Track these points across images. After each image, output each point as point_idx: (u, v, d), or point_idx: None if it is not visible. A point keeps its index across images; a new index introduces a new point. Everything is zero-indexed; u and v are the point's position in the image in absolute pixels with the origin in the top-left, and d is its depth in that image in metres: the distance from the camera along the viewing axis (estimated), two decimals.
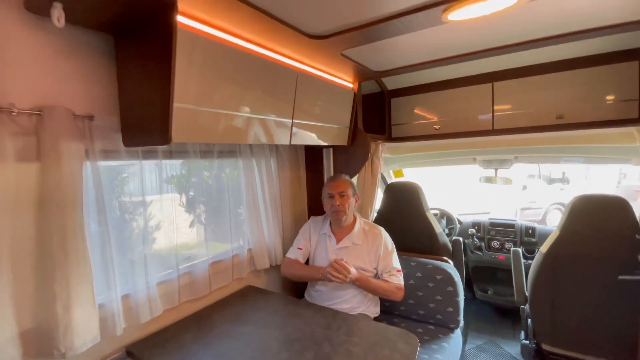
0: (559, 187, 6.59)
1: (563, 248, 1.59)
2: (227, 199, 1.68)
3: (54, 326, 0.98)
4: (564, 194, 6.41)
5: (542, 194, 6.61)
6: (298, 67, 1.45)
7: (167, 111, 0.96)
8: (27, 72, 0.96)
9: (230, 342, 1.22)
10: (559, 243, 1.60)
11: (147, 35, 1.01)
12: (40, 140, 0.98)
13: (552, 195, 6.59)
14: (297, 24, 1.13)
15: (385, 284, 1.60)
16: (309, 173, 2.21)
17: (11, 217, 0.93)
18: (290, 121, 1.49)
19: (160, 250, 1.41)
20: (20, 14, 0.94)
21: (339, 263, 1.51)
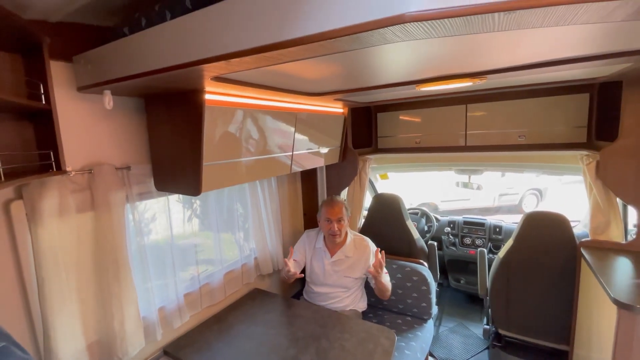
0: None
1: (515, 255, 1.94)
2: (236, 217, 1.95)
3: (112, 338, 1.26)
4: None
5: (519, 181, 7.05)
6: (296, 108, 1.68)
7: (198, 171, 1.20)
8: (78, 137, 1.18)
9: (248, 341, 1.52)
10: (513, 251, 1.95)
11: (175, 101, 1.22)
12: (93, 193, 1.21)
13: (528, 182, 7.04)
14: (297, 90, 1.36)
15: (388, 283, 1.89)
16: (305, 186, 2.48)
17: (76, 256, 1.18)
18: (291, 154, 1.74)
19: (185, 267, 1.68)
20: (73, 93, 1.14)
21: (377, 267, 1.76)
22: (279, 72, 1.00)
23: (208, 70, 0.81)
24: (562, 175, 5.05)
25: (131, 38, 0.91)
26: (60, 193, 1.09)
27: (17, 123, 1.05)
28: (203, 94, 1.12)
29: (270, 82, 1.20)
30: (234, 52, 0.68)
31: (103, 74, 1.01)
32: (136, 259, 1.38)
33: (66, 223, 1.12)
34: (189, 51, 0.75)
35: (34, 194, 1.03)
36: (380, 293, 1.88)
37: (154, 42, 0.84)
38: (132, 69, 0.90)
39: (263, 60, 0.72)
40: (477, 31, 0.60)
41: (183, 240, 1.67)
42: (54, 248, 1.08)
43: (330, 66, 1.01)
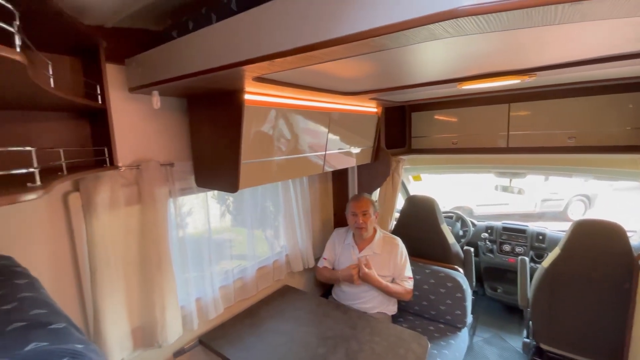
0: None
1: (562, 266, 1.80)
2: (266, 214, 1.99)
3: (154, 325, 1.34)
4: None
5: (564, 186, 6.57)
6: (330, 107, 1.68)
7: (236, 168, 1.23)
8: (128, 135, 1.25)
9: (278, 336, 1.55)
10: (559, 261, 1.81)
11: (215, 102, 1.27)
12: (139, 187, 1.28)
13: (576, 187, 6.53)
14: (332, 89, 1.36)
15: (400, 287, 1.87)
16: (335, 185, 2.47)
17: (124, 246, 1.26)
18: (324, 154, 1.74)
19: (219, 261, 1.74)
20: (125, 94, 1.22)
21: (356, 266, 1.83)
22: (316, 71, 1.00)
23: (251, 71, 0.83)
24: (616, 181, 4.62)
25: (179, 41, 0.95)
26: (111, 187, 1.17)
27: (75, 122, 1.14)
28: (243, 94, 1.15)
29: (307, 82, 1.20)
30: (278, 52, 0.69)
31: (152, 75, 1.07)
32: (176, 251, 1.45)
33: (116, 215, 1.20)
34: (233, 52, 0.78)
35: (89, 187, 1.11)
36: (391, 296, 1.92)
37: (200, 45, 0.88)
38: (179, 70, 0.94)
39: (305, 59, 0.73)
40: (535, 24, 0.56)
41: (217, 235, 1.74)
42: (105, 238, 1.16)
43: (368, 65, 0.99)
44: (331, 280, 2.05)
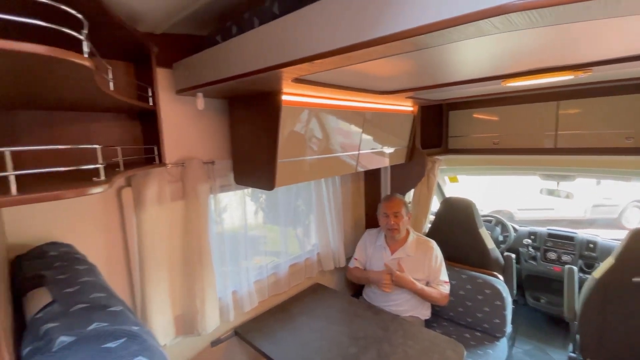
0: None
1: (617, 276, 1.65)
2: (297, 213, 2.02)
3: (194, 314, 1.41)
4: None
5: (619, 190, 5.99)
6: (365, 107, 1.67)
7: (273, 167, 1.27)
8: (174, 135, 1.33)
9: (310, 333, 1.57)
10: (614, 271, 1.66)
11: (254, 103, 1.31)
12: (183, 184, 1.36)
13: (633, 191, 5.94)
14: (368, 88, 1.35)
15: (435, 292, 1.82)
16: (368, 184, 2.45)
17: (168, 239, 1.34)
18: (357, 153, 1.74)
19: (253, 256, 1.80)
20: (172, 96, 1.30)
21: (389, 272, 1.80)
22: (353, 71, 1.00)
23: (290, 72, 0.85)
24: None
25: (223, 45, 1.00)
26: (159, 183, 1.25)
27: (128, 122, 1.23)
28: (280, 95, 1.18)
29: (343, 82, 1.21)
30: (319, 54, 0.70)
31: (197, 78, 1.13)
32: (215, 245, 1.52)
33: (162, 209, 1.29)
34: (275, 55, 0.80)
35: (140, 183, 1.20)
36: (427, 301, 1.88)
37: (242, 48, 0.91)
38: (222, 73, 0.99)
39: (345, 59, 0.73)
40: (593, 17, 0.52)
41: (251, 231, 1.79)
42: (153, 230, 1.25)
43: (407, 63, 0.97)
44: (362, 281, 2.04)
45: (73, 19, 0.59)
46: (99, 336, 0.53)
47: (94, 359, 0.49)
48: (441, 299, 1.83)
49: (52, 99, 0.88)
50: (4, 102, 0.81)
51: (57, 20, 0.53)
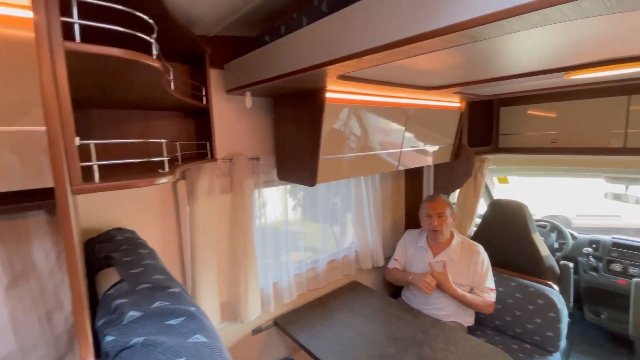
0: None
1: None
2: (334, 210, 2.03)
3: (238, 302, 1.49)
4: None
5: None
6: (409, 103, 1.62)
7: (315, 163, 1.29)
8: (223, 132, 1.41)
9: (347, 329, 1.58)
10: None
11: (299, 100, 1.34)
12: (231, 178, 1.43)
13: None
14: (413, 84, 1.31)
15: (479, 299, 1.73)
16: (409, 183, 2.39)
17: (217, 230, 1.42)
18: (399, 151, 1.70)
19: (293, 251, 1.84)
20: (222, 95, 1.37)
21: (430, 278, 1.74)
22: (399, 66, 0.97)
23: (337, 69, 0.86)
24: None
25: (271, 45, 1.03)
26: (210, 177, 1.33)
27: (183, 120, 1.32)
28: (324, 92, 1.20)
29: (388, 78, 1.19)
30: (367, 50, 0.70)
31: (247, 78, 1.18)
32: (257, 237, 1.58)
33: (212, 201, 1.37)
34: (322, 52, 0.81)
35: (193, 176, 1.29)
36: (471, 308, 1.81)
37: (290, 47, 0.94)
38: (271, 72, 1.02)
39: (394, 55, 0.72)
40: None
41: (290, 227, 1.83)
42: (203, 220, 1.33)
43: (457, 56, 0.93)
44: (401, 282, 2.00)
45: (142, 24, 0.65)
46: (162, 313, 0.59)
47: (158, 333, 0.54)
48: (485, 307, 1.74)
49: (121, 99, 0.97)
50: (83, 102, 0.92)
51: (125, 25, 0.59)
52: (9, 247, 0.95)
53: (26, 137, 0.81)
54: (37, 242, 1.00)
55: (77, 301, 0.41)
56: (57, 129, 0.41)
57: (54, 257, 1.03)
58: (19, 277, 0.98)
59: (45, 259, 1.02)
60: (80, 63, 0.50)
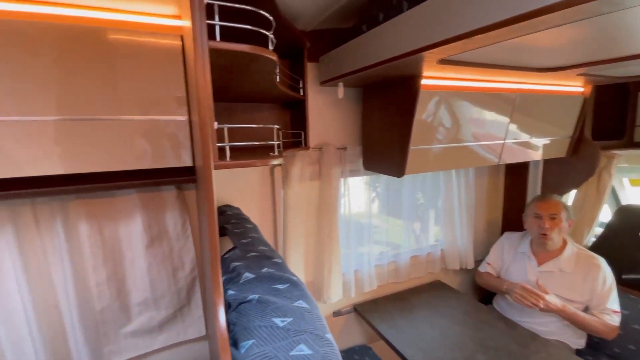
0: None
1: None
2: (418, 206, 1.94)
3: (321, 283, 1.57)
4: None
5: None
6: (517, 89, 1.44)
7: (405, 153, 1.26)
8: (315, 122, 1.48)
9: (430, 328, 1.52)
10: None
11: (390, 89, 1.32)
12: (320, 166, 1.51)
13: None
14: (525, 65, 1.16)
15: (597, 321, 1.46)
16: (509, 180, 2.13)
17: (305, 213, 1.52)
18: (502, 143, 1.53)
19: (375, 243, 1.85)
20: (316, 87, 1.45)
21: (528, 288, 1.52)
22: (512, 45, 0.87)
23: (439, 53, 0.82)
24: None
25: (368, 34, 1.04)
26: (301, 164, 1.43)
27: (280, 111, 1.44)
28: (420, 79, 1.16)
29: (494, 59, 1.07)
30: (478, 29, 0.65)
31: (342, 68, 1.22)
32: (342, 224, 1.64)
33: (302, 187, 1.46)
34: (425, 36, 0.79)
35: (288, 163, 1.40)
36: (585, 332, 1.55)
37: (389, 33, 0.93)
38: (369, 60, 1.03)
39: (510, 33, 0.66)
40: None
41: (369, 219, 1.82)
42: (294, 204, 1.44)
43: (587, 28, 0.78)
44: (492, 289, 1.82)
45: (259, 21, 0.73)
46: (270, 277, 0.67)
47: (268, 294, 0.61)
48: (606, 331, 1.45)
49: (235, 92, 1.11)
50: None
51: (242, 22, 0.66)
52: (149, 214, 1.19)
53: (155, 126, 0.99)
54: (169, 211, 1.22)
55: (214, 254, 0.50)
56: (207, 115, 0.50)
57: (180, 225, 1.25)
58: (155, 238, 1.22)
59: (174, 226, 1.24)
60: (217, 60, 0.59)
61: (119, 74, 0.91)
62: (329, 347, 0.51)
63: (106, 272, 1.15)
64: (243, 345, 0.49)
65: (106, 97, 0.91)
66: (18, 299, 1.05)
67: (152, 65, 0.96)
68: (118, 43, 0.89)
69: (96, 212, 1.11)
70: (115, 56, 0.90)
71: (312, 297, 0.65)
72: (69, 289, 1.11)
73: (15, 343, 1.07)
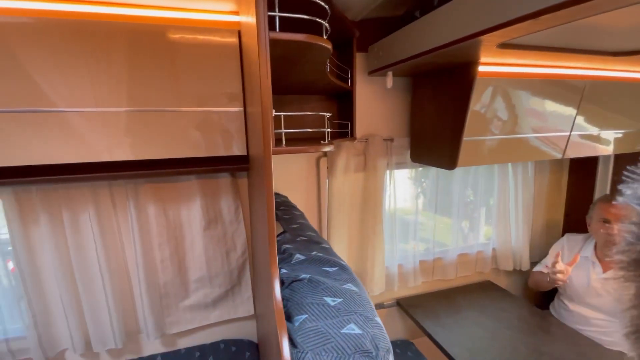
0: None
1: None
2: (468, 203, 1.84)
3: (364, 274, 1.58)
4: None
5: None
6: (586, 75, 1.30)
7: (457, 144, 1.21)
8: (362, 113, 1.47)
9: (478, 329, 1.45)
10: None
11: (442, 77, 1.27)
12: (365, 158, 1.50)
13: None
14: (595, 49, 1.04)
15: None
16: (574, 178, 1.94)
17: (350, 205, 1.53)
18: (567, 135, 1.40)
19: (422, 236, 1.80)
20: (364, 77, 1.44)
21: None
22: (581, 25, 0.79)
23: (500, 36, 0.77)
24: None
25: (422, 20, 1.01)
26: (347, 155, 1.43)
27: (328, 101, 1.46)
28: (476, 66, 1.09)
29: (560, 42, 0.98)
30: (548, 7, 0.60)
31: (392, 56, 1.20)
32: (386, 219, 1.62)
33: (347, 178, 1.47)
34: (486, 17, 0.75)
35: (333, 154, 1.42)
36: None
37: (446, 17, 0.90)
38: (422, 46, 1.00)
39: (583, 10, 0.60)
40: None
41: (413, 215, 1.77)
42: (339, 195, 1.46)
43: None
44: (541, 285, 1.67)
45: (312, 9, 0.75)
46: (320, 260, 0.69)
47: (319, 275, 0.64)
48: None
49: (286, 83, 1.15)
50: None
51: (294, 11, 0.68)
52: (207, 199, 1.29)
53: (208, 118, 1.07)
54: (224, 197, 1.31)
55: (271, 231, 0.54)
56: (268, 103, 0.53)
57: (234, 210, 1.33)
58: (211, 221, 1.31)
59: (228, 211, 1.33)
60: (275, 50, 0.62)
61: (180, 68, 1.00)
62: (377, 329, 0.52)
63: (169, 250, 1.27)
64: (297, 319, 0.52)
65: (168, 91, 1.00)
66: (97, 269, 1.21)
67: (210, 61, 1.03)
68: (179, 40, 0.97)
69: (162, 195, 1.23)
70: (177, 52, 0.99)
71: (360, 282, 0.67)
72: (138, 262, 1.25)
73: (93, 307, 1.23)
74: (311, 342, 0.48)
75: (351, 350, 0.47)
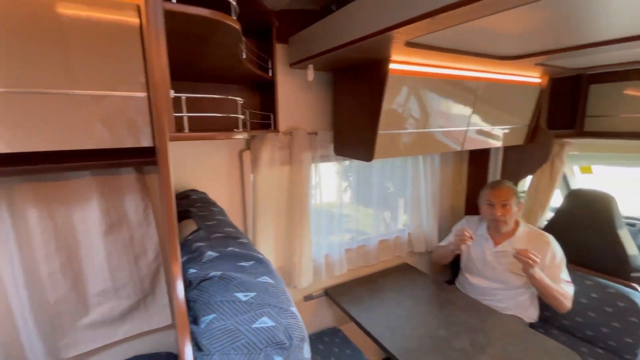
0: None
1: None
2: (388, 194, 1.99)
3: (292, 269, 1.57)
4: None
5: None
6: (480, 77, 1.50)
7: (373, 138, 1.28)
8: (285, 106, 1.45)
9: (397, 308, 1.57)
10: None
11: (360, 73, 1.32)
12: (290, 151, 1.49)
13: None
14: (488, 52, 1.20)
15: (558, 289, 1.54)
16: (472, 167, 2.24)
17: (275, 199, 1.50)
18: (465, 129, 1.59)
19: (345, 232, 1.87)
20: (286, 69, 1.42)
21: (524, 253, 1.50)
22: (475, 28, 0.89)
23: (405, 33, 0.83)
24: None
25: (337, 13, 1.03)
26: (271, 148, 1.40)
27: (249, 92, 1.40)
28: (388, 63, 1.17)
29: (459, 45, 1.10)
30: (443, 7, 0.66)
31: (311, 49, 1.20)
32: (313, 213, 1.64)
33: (272, 172, 1.44)
34: (391, 14, 0.79)
35: (257, 146, 1.37)
36: (547, 300, 1.58)
37: (357, 13, 0.93)
38: (336, 41, 1.02)
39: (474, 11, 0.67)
40: None
41: (339, 208, 1.83)
42: (264, 189, 1.42)
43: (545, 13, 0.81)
44: (444, 257, 1.89)
45: None
46: (235, 256, 0.65)
47: (232, 271, 0.60)
48: (562, 301, 1.53)
49: (197, 69, 1.06)
50: None
51: None
52: (107, 199, 1.12)
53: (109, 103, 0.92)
54: (128, 196, 1.16)
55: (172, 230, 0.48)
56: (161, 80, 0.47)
57: (142, 210, 1.19)
58: (114, 224, 1.15)
59: (135, 211, 1.18)
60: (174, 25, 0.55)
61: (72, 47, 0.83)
62: (292, 318, 0.51)
63: (60, 260, 1.08)
64: (203, 321, 0.48)
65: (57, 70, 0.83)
66: None
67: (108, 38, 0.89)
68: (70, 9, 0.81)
69: (46, 196, 1.03)
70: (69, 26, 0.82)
71: (277, 274, 0.65)
72: (18, 280, 1.03)
73: None
74: (218, 342, 0.44)
75: (263, 345, 0.44)
